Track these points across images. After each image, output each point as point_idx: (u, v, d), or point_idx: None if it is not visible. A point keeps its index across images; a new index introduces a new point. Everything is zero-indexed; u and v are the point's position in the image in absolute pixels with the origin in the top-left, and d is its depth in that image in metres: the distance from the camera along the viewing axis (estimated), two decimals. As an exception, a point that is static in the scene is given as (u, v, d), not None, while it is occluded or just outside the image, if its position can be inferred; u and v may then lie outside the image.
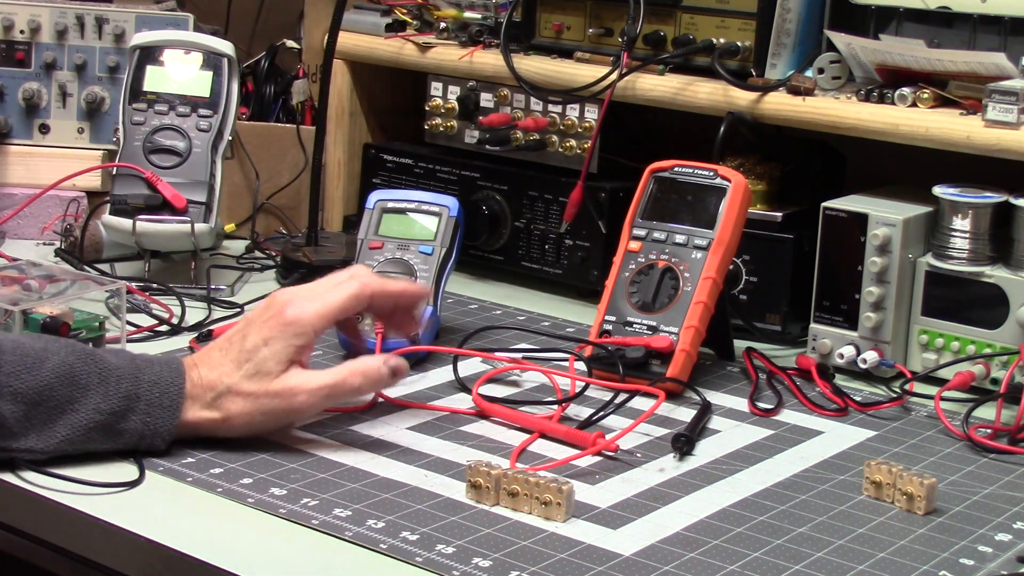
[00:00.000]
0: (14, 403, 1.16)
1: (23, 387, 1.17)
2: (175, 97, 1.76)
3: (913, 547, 1.13)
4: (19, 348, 1.19)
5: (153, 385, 1.22)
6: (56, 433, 1.18)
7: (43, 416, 1.18)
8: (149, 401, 1.21)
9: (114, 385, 1.20)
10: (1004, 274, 1.46)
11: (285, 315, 1.26)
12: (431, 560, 1.07)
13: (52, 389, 1.18)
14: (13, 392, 1.16)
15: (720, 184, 1.49)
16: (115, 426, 1.20)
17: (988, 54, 1.50)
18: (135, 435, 1.21)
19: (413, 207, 1.59)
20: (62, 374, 1.18)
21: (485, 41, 1.86)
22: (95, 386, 1.19)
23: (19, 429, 1.17)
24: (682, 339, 1.44)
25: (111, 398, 1.20)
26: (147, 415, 1.21)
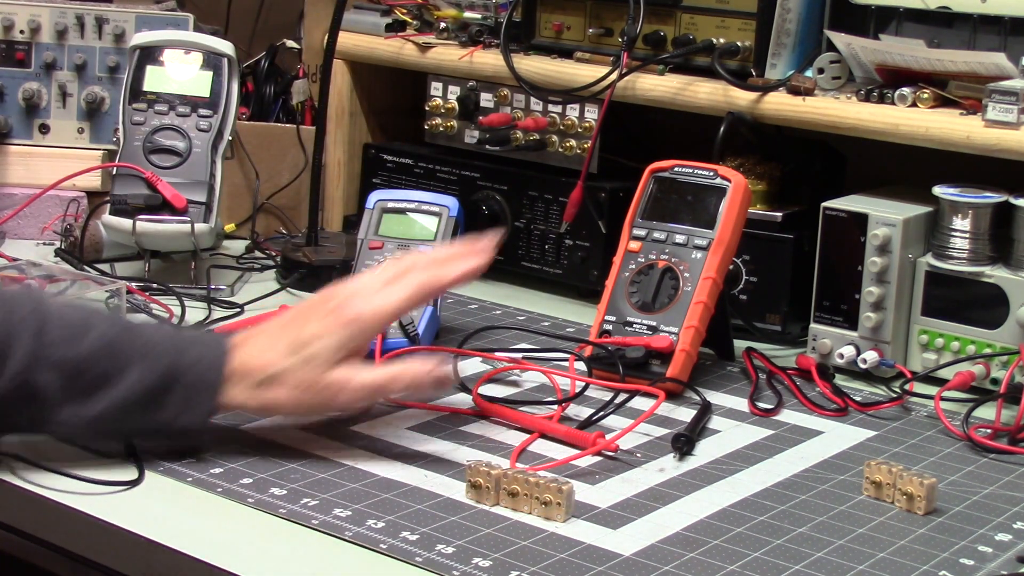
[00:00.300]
0: (54, 374, 1.15)
1: (64, 358, 1.16)
2: (175, 97, 1.76)
3: (913, 547, 1.13)
4: (63, 317, 1.18)
5: (194, 365, 1.20)
6: (94, 406, 1.17)
7: (82, 388, 1.17)
8: (189, 381, 1.20)
9: (154, 361, 1.18)
10: (1004, 274, 1.46)
11: (346, 312, 1.24)
12: (431, 560, 1.07)
13: (92, 362, 1.17)
14: (54, 363, 1.15)
15: (720, 184, 1.49)
16: (153, 402, 1.19)
17: (988, 54, 1.50)
18: (172, 412, 1.20)
19: (413, 207, 1.59)
20: (103, 347, 1.17)
21: (485, 41, 1.86)
22: (136, 361, 1.18)
23: (57, 400, 1.16)
24: (682, 339, 1.44)
25: (151, 374, 1.18)
26: (185, 395, 1.20)
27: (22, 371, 1.15)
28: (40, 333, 1.16)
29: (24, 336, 1.15)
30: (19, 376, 1.15)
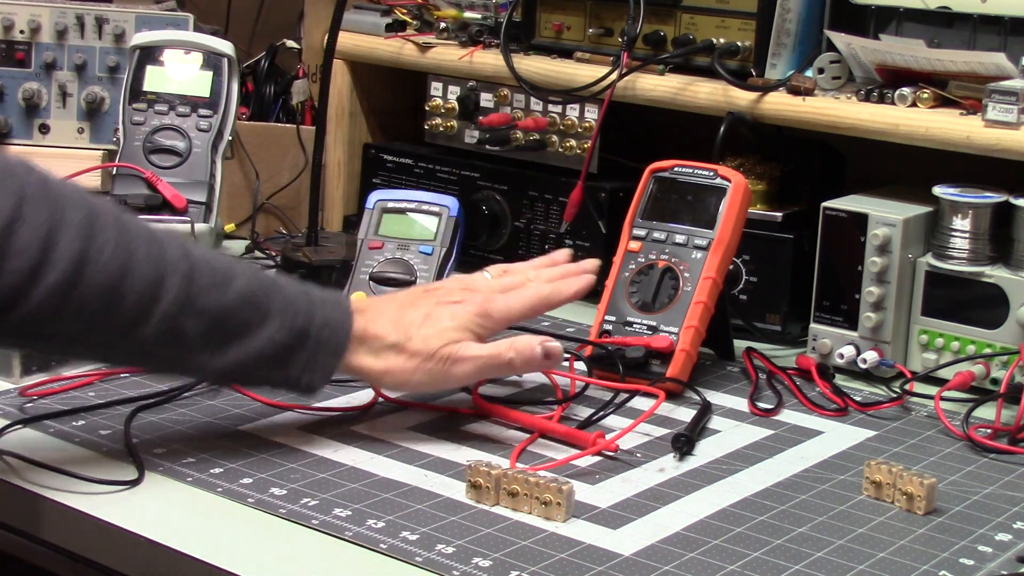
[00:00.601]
0: (200, 320, 1.16)
1: (210, 304, 1.16)
2: (175, 97, 1.76)
3: (913, 547, 1.13)
4: (211, 263, 1.18)
5: (324, 325, 1.22)
6: (229, 356, 1.18)
7: (222, 336, 1.18)
8: (318, 340, 1.22)
9: (291, 318, 1.20)
10: (1004, 274, 1.46)
11: (480, 305, 1.31)
12: (431, 560, 1.07)
13: (235, 311, 1.18)
14: (201, 309, 1.16)
15: (720, 184, 1.49)
16: (284, 358, 1.21)
17: (988, 54, 1.50)
18: (298, 369, 1.22)
19: (413, 207, 1.59)
20: (246, 297, 1.18)
21: (485, 41, 1.86)
22: (275, 315, 1.20)
23: (196, 345, 1.17)
24: (682, 339, 1.44)
25: (285, 331, 1.20)
26: (313, 354, 1.22)
27: (172, 314, 1.15)
28: (190, 277, 1.16)
29: (175, 278, 1.15)
30: (168, 319, 1.15)
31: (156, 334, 1.15)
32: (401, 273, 1.53)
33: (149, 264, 1.14)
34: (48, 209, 1.10)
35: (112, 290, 1.12)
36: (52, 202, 1.11)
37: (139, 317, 1.14)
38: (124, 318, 1.13)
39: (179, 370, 1.22)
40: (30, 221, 1.09)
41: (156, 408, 1.34)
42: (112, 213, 1.15)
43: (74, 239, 1.10)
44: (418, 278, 1.53)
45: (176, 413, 1.34)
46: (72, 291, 1.10)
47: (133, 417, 1.30)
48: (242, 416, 1.34)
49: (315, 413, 1.35)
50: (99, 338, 1.14)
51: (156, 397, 1.35)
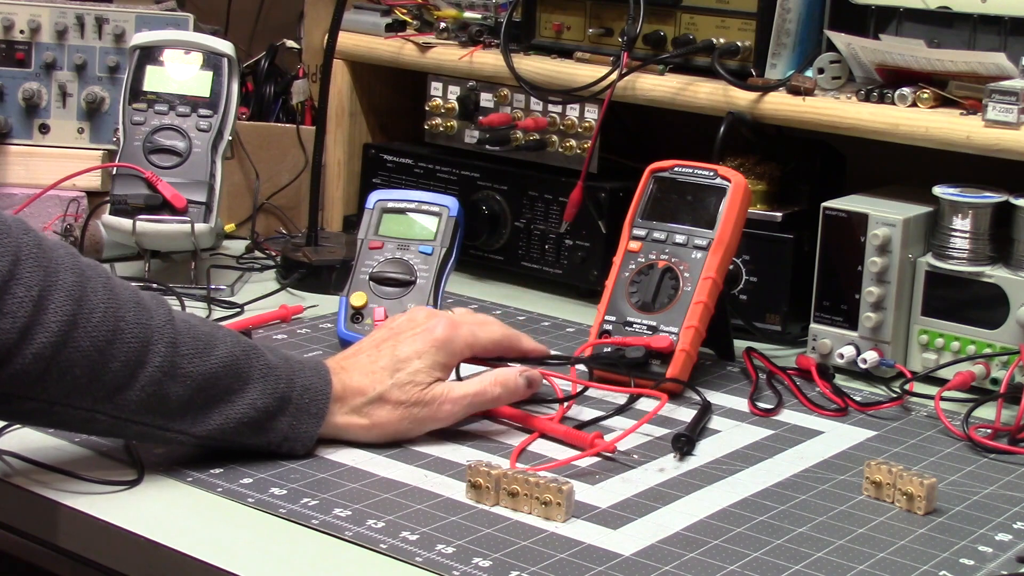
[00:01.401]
0: (183, 386, 1.16)
1: (193, 371, 1.17)
2: (175, 97, 1.76)
3: (913, 547, 1.13)
4: (192, 330, 1.19)
5: (304, 390, 1.23)
6: (211, 421, 1.19)
7: (203, 402, 1.18)
8: (299, 405, 1.22)
9: (272, 384, 1.21)
10: (1004, 274, 1.46)
11: (436, 334, 1.31)
12: (431, 560, 1.07)
13: (217, 378, 1.18)
14: (185, 375, 1.16)
15: (720, 184, 1.49)
16: (264, 424, 1.21)
17: (988, 54, 1.50)
18: (279, 436, 1.22)
19: (413, 207, 1.59)
20: (229, 364, 1.19)
21: (485, 41, 1.86)
22: (255, 381, 1.20)
23: (179, 411, 1.17)
24: (682, 339, 1.44)
25: (267, 396, 1.20)
26: (295, 418, 1.22)
27: (156, 379, 1.15)
28: (175, 343, 1.16)
29: (161, 344, 1.15)
30: (153, 384, 1.15)
31: (139, 399, 1.15)
32: (401, 273, 1.53)
33: (136, 330, 1.14)
34: (42, 270, 1.10)
35: (99, 353, 1.12)
36: (46, 263, 1.11)
37: (124, 382, 1.14)
38: (109, 383, 1.13)
39: (159, 437, 1.19)
40: (24, 281, 1.09)
41: (156, 408, 1.34)
42: (102, 277, 1.14)
43: (65, 302, 1.10)
44: (418, 278, 1.53)
45: (176, 413, 1.34)
46: (60, 353, 1.10)
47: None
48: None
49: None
50: (82, 402, 1.13)
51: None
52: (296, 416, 1.22)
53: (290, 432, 1.22)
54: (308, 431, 1.23)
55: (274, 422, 1.21)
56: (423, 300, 1.52)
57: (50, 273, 1.10)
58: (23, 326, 1.08)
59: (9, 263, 1.09)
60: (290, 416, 1.22)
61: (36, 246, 1.11)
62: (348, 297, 1.54)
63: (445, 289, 1.56)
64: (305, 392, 1.23)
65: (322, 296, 1.71)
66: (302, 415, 1.23)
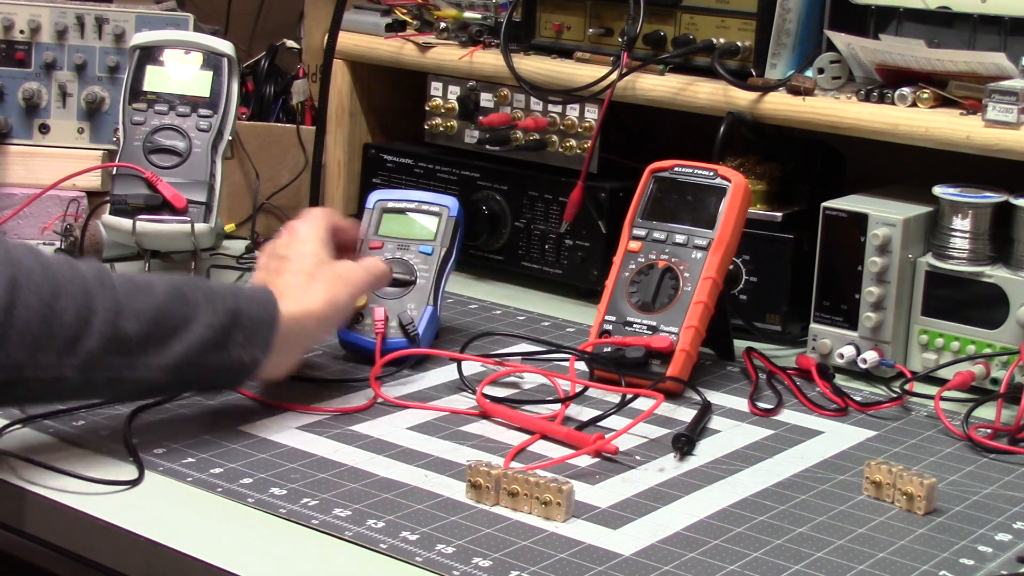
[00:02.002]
0: (137, 321, 1.21)
1: (142, 306, 1.21)
2: (175, 97, 1.76)
3: (913, 547, 1.13)
4: (128, 278, 1.25)
5: (251, 301, 1.29)
6: (174, 349, 1.23)
7: (162, 333, 1.22)
8: (250, 315, 1.28)
9: (220, 302, 1.27)
10: (1004, 274, 1.46)
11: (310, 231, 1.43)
12: (431, 560, 1.07)
13: (167, 308, 1.23)
14: (135, 311, 1.21)
15: (720, 184, 1.49)
16: (223, 341, 1.26)
17: (988, 54, 1.50)
18: (239, 348, 1.27)
19: (413, 207, 1.59)
20: (173, 295, 1.24)
21: (485, 41, 1.86)
22: (203, 303, 1.25)
23: (141, 346, 1.21)
24: (682, 339, 1.44)
25: (219, 315, 1.26)
26: (250, 329, 1.28)
27: (110, 320, 1.19)
28: (114, 288, 1.21)
29: (104, 291, 1.20)
30: (108, 325, 1.19)
31: (99, 344, 1.18)
32: (401, 273, 1.53)
33: (78, 281, 1.19)
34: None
35: (50, 308, 1.16)
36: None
37: (81, 330, 1.18)
38: (67, 334, 1.17)
39: (129, 378, 1.22)
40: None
41: (156, 408, 1.34)
42: (26, 246, 1.20)
43: (4, 268, 1.15)
44: (418, 278, 1.53)
45: (176, 413, 1.34)
46: (12, 314, 1.14)
47: (134, 417, 1.30)
48: (242, 416, 1.34)
49: (315, 413, 1.35)
50: (48, 359, 1.16)
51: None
52: (250, 326, 1.28)
53: (248, 342, 1.27)
54: (266, 336, 1.29)
55: (232, 336, 1.26)
56: (423, 300, 1.51)
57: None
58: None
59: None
60: (245, 327, 1.27)
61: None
62: (348, 297, 1.54)
63: (445, 289, 1.56)
64: (252, 302, 1.29)
65: (322, 296, 1.71)
66: (256, 323, 1.28)
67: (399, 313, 1.50)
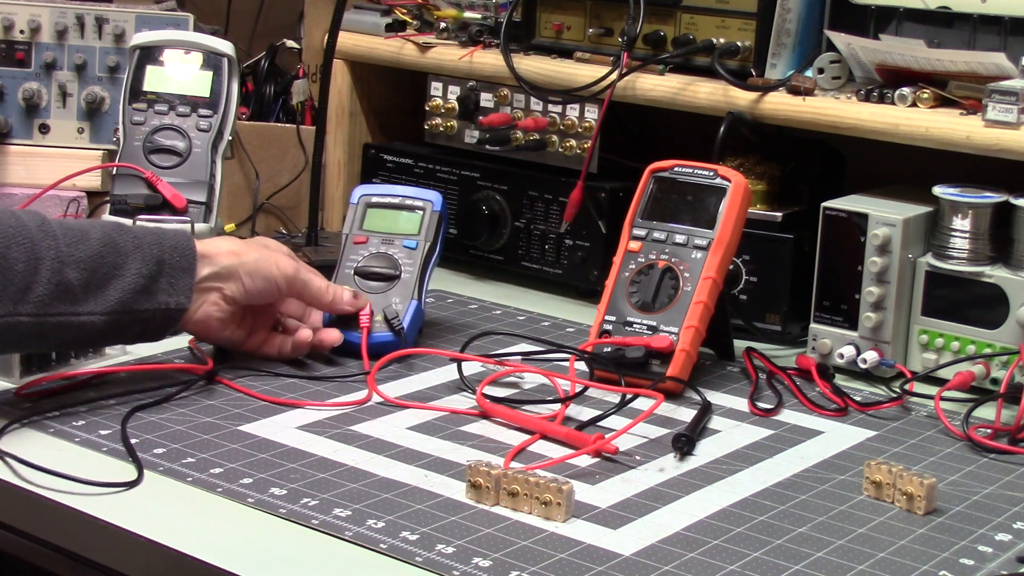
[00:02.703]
0: (77, 271, 1.30)
1: (81, 255, 1.31)
2: (175, 97, 1.76)
3: (913, 547, 1.13)
4: (64, 224, 1.33)
5: (173, 249, 1.38)
6: (110, 296, 1.33)
7: (99, 281, 1.32)
8: (172, 264, 1.37)
9: (147, 250, 1.36)
10: (1004, 274, 1.46)
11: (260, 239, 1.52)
12: (431, 560, 1.07)
13: (102, 256, 1.33)
14: (76, 260, 1.30)
15: (720, 184, 1.49)
16: (151, 288, 1.35)
17: (988, 54, 1.50)
18: (165, 294, 1.36)
19: (397, 202, 1.59)
20: (107, 243, 1.33)
21: (485, 41, 1.86)
22: (132, 252, 1.35)
23: (82, 295, 1.31)
24: (682, 339, 1.43)
25: (147, 263, 1.35)
26: (171, 277, 1.37)
27: (56, 269, 1.29)
28: (56, 237, 1.30)
29: (48, 240, 1.29)
30: (55, 274, 1.28)
31: (49, 292, 1.28)
32: (385, 267, 1.54)
33: (24, 231, 1.28)
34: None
35: (3, 258, 1.26)
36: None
37: (32, 279, 1.27)
38: (20, 282, 1.27)
39: (75, 324, 1.31)
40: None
41: (156, 408, 1.34)
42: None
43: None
44: (403, 272, 1.53)
45: (176, 413, 1.34)
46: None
47: (129, 417, 1.30)
48: (242, 416, 1.34)
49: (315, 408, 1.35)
50: (3, 307, 1.26)
51: (155, 397, 1.36)
52: (172, 274, 1.37)
53: (172, 288, 1.37)
54: (185, 284, 1.38)
55: (158, 283, 1.36)
56: (408, 294, 1.52)
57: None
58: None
59: None
60: (167, 275, 1.37)
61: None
62: (333, 291, 1.54)
63: (429, 283, 1.56)
64: (174, 251, 1.38)
65: (322, 296, 1.71)
66: (176, 272, 1.37)
67: (384, 307, 1.51)
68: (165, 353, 1.49)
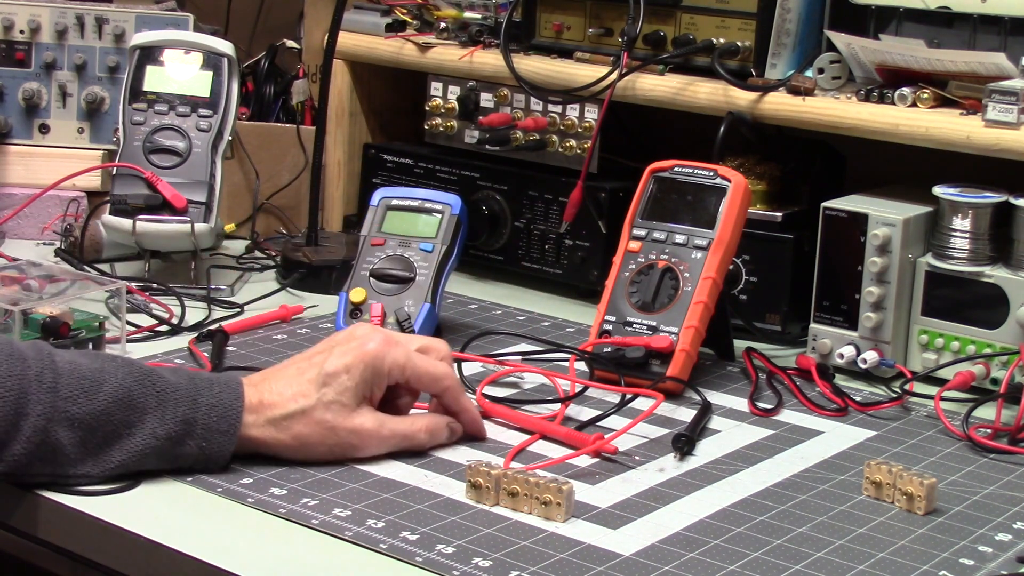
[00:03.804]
0: (71, 429, 1.14)
1: (81, 413, 1.14)
2: (175, 97, 1.76)
3: (913, 547, 1.13)
4: (76, 370, 1.16)
5: (211, 408, 1.19)
6: (111, 458, 1.16)
7: (99, 442, 1.15)
8: (207, 425, 1.18)
9: (171, 409, 1.17)
10: (1004, 274, 1.46)
11: (367, 348, 1.23)
12: (431, 560, 1.07)
13: (109, 414, 1.15)
14: (70, 418, 1.13)
15: (720, 184, 1.49)
16: (172, 451, 1.18)
17: (988, 54, 1.50)
18: (191, 459, 1.19)
19: (417, 205, 1.59)
20: (120, 398, 1.15)
21: (485, 41, 1.86)
22: (152, 410, 1.17)
23: (75, 456, 1.15)
24: (682, 339, 1.43)
25: (168, 423, 1.17)
26: (204, 439, 1.18)
27: (40, 429, 1.13)
28: (55, 388, 1.14)
29: (40, 392, 1.13)
30: (38, 435, 1.12)
31: (28, 451, 1.12)
32: (401, 270, 1.54)
33: (10, 382, 1.12)
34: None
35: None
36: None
37: (6, 436, 1.12)
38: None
39: (63, 484, 1.16)
40: None
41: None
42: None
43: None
44: (417, 275, 1.53)
45: (176, 413, 1.34)
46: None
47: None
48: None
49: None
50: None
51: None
52: (205, 437, 1.18)
53: (201, 454, 1.18)
54: (220, 450, 1.19)
55: (182, 447, 1.18)
56: (421, 297, 1.52)
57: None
58: None
59: None
60: (198, 438, 1.18)
61: None
62: (348, 293, 1.54)
63: (445, 287, 1.56)
64: (212, 410, 1.18)
65: (322, 296, 1.71)
66: (211, 434, 1.18)
67: (396, 309, 1.51)
68: (165, 354, 1.49)
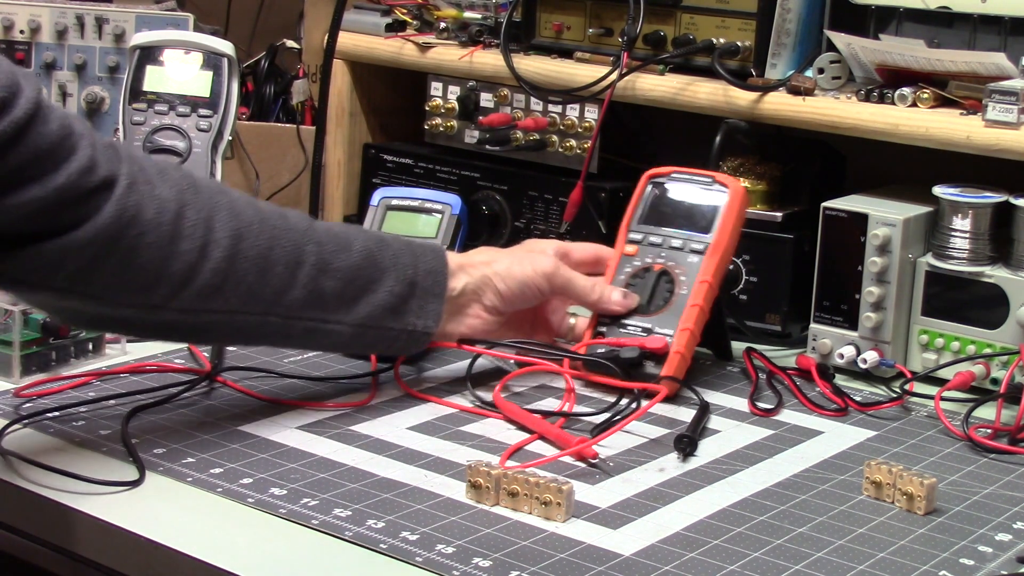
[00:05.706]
0: (335, 280, 1.29)
1: (341, 265, 1.30)
2: (175, 97, 1.76)
3: (913, 547, 1.13)
4: (330, 229, 1.32)
5: (428, 273, 1.36)
6: (360, 309, 1.31)
7: (353, 293, 1.31)
8: (424, 287, 1.35)
9: (401, 271, 1.34)
10: (1004, 274, 1.46)
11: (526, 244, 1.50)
12: (431, 560, 1.07)
13: (361, 269, 1.31)
14: (335, 269, 1.29)
15: (718, 190, 1.49)
16: (400, 308, 1.34)
17: (988, 54, 1.50)
18: (413, 316, 1.35)
19: (416, 205, 1.59)
20: (368, 256, 1.32)
21: (485, 41, 1.86)
22: (389, 269, 1.33)
23: (333, 304, 1.30)
24: (676, 341, 1.43)
25: (401, 282, 1.33)
26: (422, 300, 1.35)
27: (313, 276, 1.28)
28: (320, 243, 1.29)
29: (311, 244, 1.29)
30: (311, 281, 1.28)
31: (303, 297, 1.28)
32: None
33: (289, 235, 1.28)
34: (203, 197, 1.23)
35: (264, 260, 1.25)
36: (203, 191, 1.24)
37: (288, 283, 1.27)
38: (277, 285, 1.26)
39: (321, 330, 1.30)
40: (193, 206, 1.22)
41: (156, 408, 1.34)
42: (244, 197, 1.27)
43: (229, 219, 1.24)
44: None
45: (176, 413, 1.34)
46: (234, 263, 1.23)
47: (131, 417, 1.30)
48: (242, 416, 1.34)
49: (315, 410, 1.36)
50: (256, 307, 1.26)
51: (155, 397, 1.36)
52: (423, 298, 1.35)
53: (420, 312, 1.35)
54: (435, 309, 1.36)
55: (408, 305, 1.34)
56: None
57: (209, 197, 1.24)
58: (201, 245, 1.21)
59: (176, 194, 1.21)
60: (418, 298, 1.34)
61: (190, 177, 1.25)
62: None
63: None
64: (428, 275, 1.36)
65: (322, 296, 1.71)
66: (427, 296, 1.35)
67: None
68: (165, 354, 1.49)
